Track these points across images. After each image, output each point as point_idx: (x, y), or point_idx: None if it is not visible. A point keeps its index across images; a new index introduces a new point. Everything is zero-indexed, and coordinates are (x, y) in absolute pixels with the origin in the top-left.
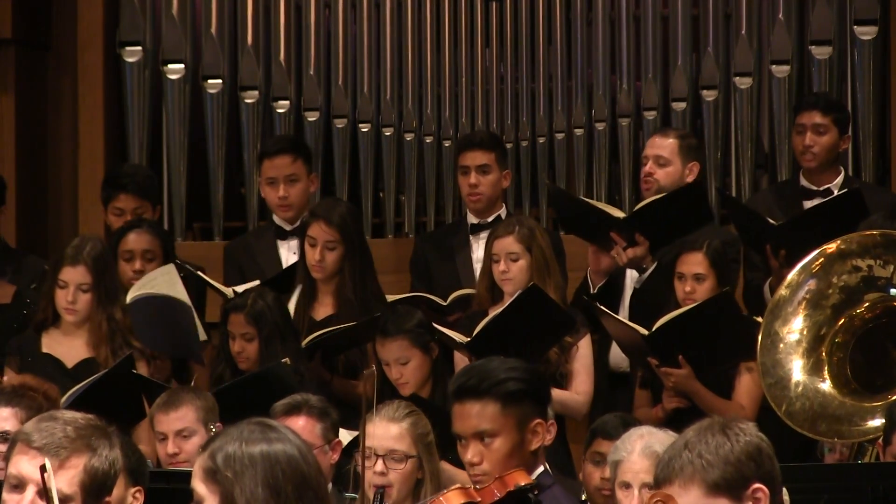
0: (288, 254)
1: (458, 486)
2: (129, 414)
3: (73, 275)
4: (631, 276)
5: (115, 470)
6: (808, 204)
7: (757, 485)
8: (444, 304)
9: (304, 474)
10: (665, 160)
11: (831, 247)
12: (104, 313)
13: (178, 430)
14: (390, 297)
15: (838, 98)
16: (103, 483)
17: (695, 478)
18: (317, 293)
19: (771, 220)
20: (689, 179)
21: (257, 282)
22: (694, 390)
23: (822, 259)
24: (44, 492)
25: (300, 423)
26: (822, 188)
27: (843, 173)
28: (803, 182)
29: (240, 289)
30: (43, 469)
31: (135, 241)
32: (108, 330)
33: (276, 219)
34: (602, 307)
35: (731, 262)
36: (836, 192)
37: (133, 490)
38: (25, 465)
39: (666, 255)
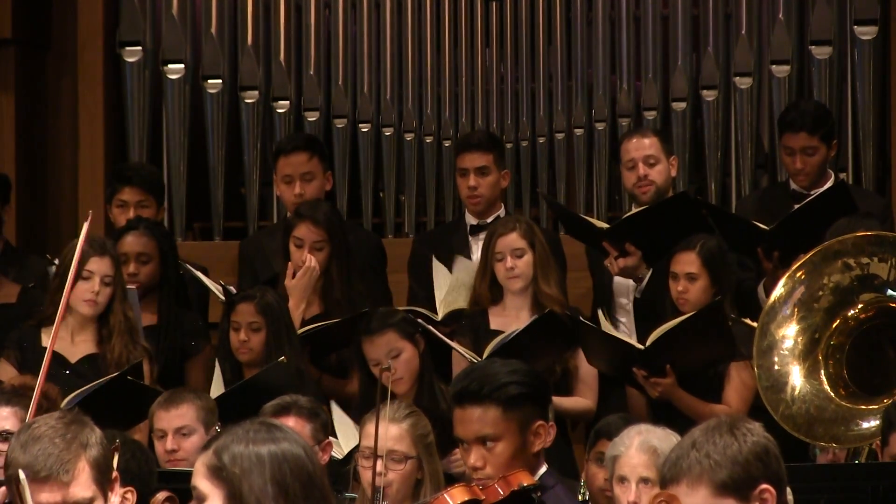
0: None
1: (462, 483)
2: (128, 416)
3: (100, 266)
4: (621, 283)
5: (104, 447)
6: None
7: (764, 485)
8: (438, 318)
9: (310, 473)
10: (655, 158)
11: (823, 247)
12: (121, 309)
13: (178, 427)
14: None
15: (838, 97)
16: (106, 465)
17: (703, 478)
18: None
19: (760, 225)
20: (673, 174)
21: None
22: (678, 397)
23: (813, 259)
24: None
25: (290, 424)
26: (812, 192)
27: (832, 177)
28: (794, 186)
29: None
30: (17, 480)
31: (130, 243)
32: (125, 327)
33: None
34: (587, 322)
35: (726, 261)
36: None
37: (124, 490)
38: (42, 496)
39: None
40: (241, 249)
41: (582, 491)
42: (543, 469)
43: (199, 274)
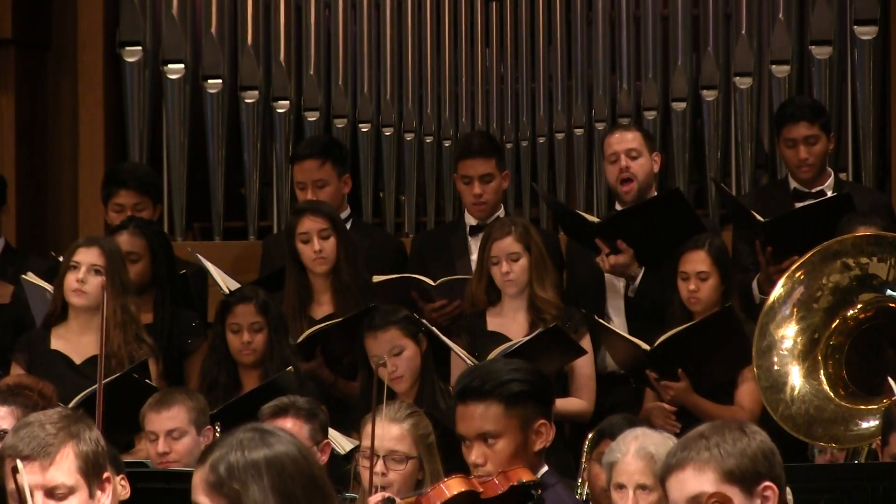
0: None
1: (459, 474)
2: (133, 420)
3: (87, 255)
4: (611, 281)
5: (101, 447)
6: (800, 206)
7: (768, 483)
8: (434, 284)
9: (310, 475)
10: (637, 152)
11: (822, 247)
12: (117, 302)
13: (169, 429)
14: (379, 278)
15: (838, 97)
16: (97, 462)
17: (710, 463)
18: (312, 293)
19: (758, 216)
20: (656, 170)
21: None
22: (692, 402)
23: (813, 259)
24: (16, 492)
25: (288, 425)
26: (814, 190)
27: (833, 175)
28: (794, 185)
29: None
30: (15, 470)
31: (120, 243)
32: (122, 320)
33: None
34: (601, 321)
35: (731, 260)
36: (828, 194)
37: (118, 478)
38: (27, 476)
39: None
40: (264, 248)
41: (579, 491)
42: (545, 469)
43: (208, 264)
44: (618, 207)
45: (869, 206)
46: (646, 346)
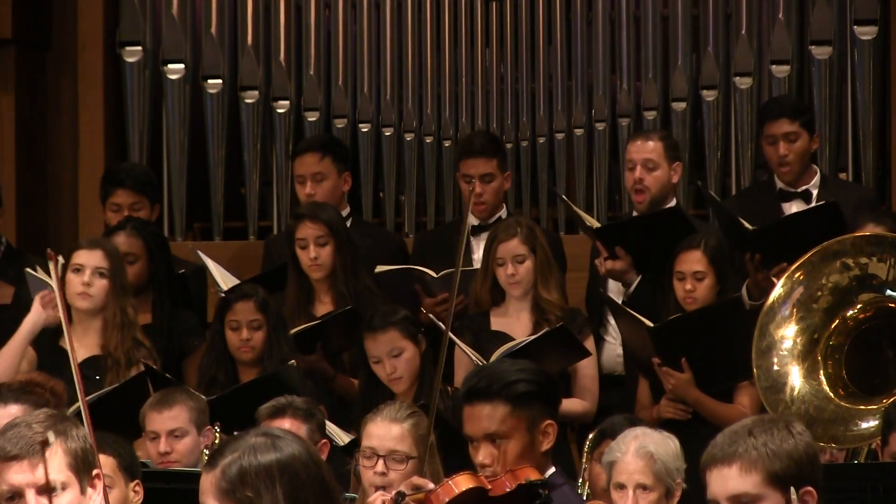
0: None
1: (468, 471)
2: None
3: (90, 258)
4: (615, 284)
5: (88, 444)
6: (786, 206)
7: (810, 488)
8: (436, 276)
9: (321, 480)
10: (654, 163)
11: (822, 247)
12: (117, 304)
13: (171, 429)
14: (381, 268)
15: (838, 97)
16: (86, 458)
17: (758, 464)
18: (316, 291)
19: (746, 224)
20: (675, 180)
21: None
22: (693, 398)
23: (812, 260)
24: None
25: (286, 426)
26: (800, 189)
27: (818, 173)
28: (780, 185)
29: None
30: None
31: (118, 244)
32: (121, 321)
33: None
34: (616, 302)
35: (728, 258)
36: (814, 193)
37: (133, 484)
38: (13, 476)
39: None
40: (267, 246)
41: (580, 491)
42: (552, 469)
43: (207, 260)
44: (634, 213)
45: (855, 203)
46: (649, 324)
